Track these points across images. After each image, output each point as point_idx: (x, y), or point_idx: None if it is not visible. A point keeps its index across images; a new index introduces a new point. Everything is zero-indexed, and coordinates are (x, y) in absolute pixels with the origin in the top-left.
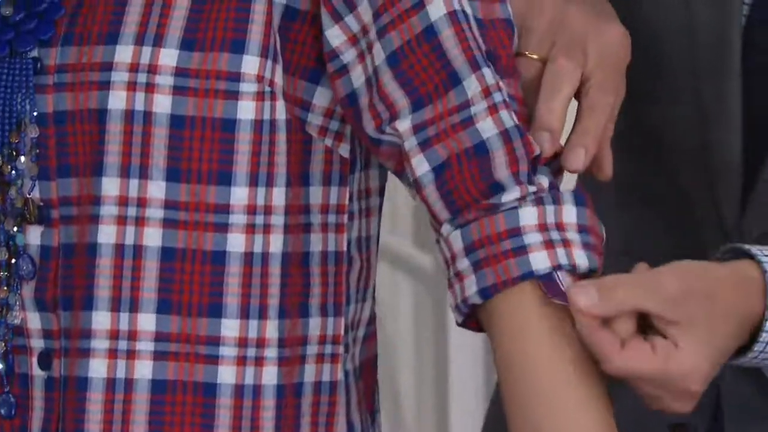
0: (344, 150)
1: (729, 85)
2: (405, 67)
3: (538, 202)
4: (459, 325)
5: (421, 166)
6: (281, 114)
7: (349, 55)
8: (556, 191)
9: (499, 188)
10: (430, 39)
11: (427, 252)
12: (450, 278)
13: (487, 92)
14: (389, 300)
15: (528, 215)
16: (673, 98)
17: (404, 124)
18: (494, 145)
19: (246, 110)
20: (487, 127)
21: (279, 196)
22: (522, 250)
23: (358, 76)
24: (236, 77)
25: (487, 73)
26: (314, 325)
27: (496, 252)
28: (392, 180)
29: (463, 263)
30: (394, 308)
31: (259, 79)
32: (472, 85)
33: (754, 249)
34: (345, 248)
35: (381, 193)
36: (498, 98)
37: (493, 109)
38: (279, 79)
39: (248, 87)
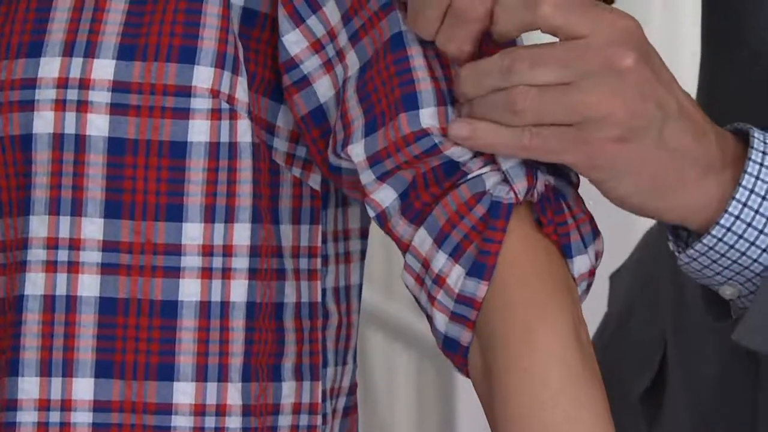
0: (314, 182)
1: None
2: (367, 78)
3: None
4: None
5: (385, 195)
6: (245, 136)
7: (310, 64)
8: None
9: (463, 176)
10: (395, 48)
11: None
12: (429, 295)
13: (445, 131)
14: (385, 374)
15: (494, 177)
16: None
17: (357, 151)
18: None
19: (199, 131)
20: (458, 152)
21: (242, 234)
22: (497, 207)
23: (326, 89)
24: (186, 92)
25: (450, 111)
26: (288, 391)
27: (473, 222)
28: (388, 241)
29: (440, 260)
30: (391, 384)
31: (214, 93)
32: (427, 117)
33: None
34: (319, 299)
35: (363, 236)
36: None
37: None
38: (242, 95)
39: (201, 103)
